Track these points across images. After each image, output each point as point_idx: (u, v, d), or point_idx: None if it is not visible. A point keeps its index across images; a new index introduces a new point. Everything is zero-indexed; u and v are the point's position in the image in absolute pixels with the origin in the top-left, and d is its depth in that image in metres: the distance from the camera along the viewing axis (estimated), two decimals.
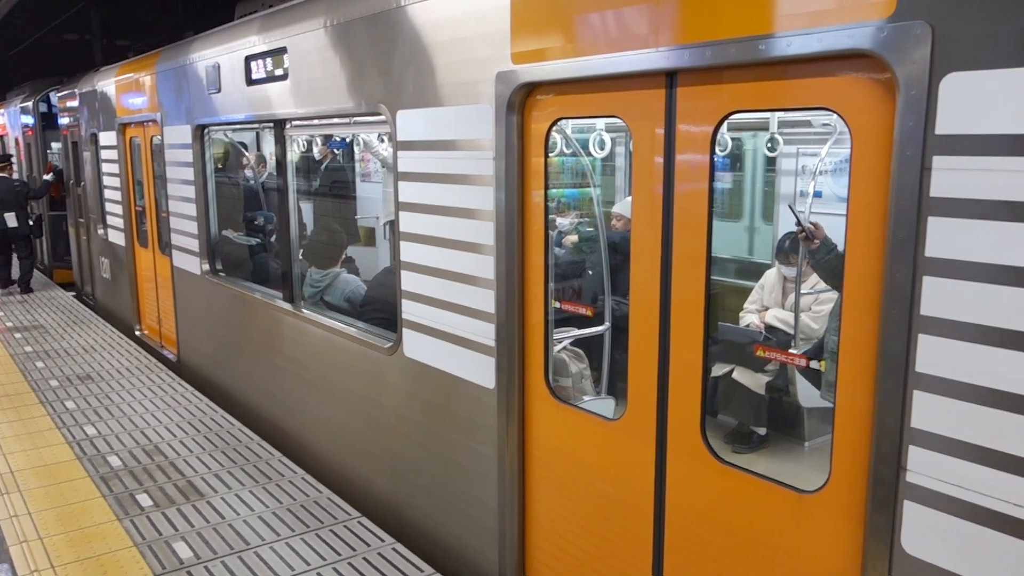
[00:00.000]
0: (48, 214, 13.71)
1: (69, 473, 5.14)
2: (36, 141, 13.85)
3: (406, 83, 3.98)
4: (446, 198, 3.80)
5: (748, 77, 2.54)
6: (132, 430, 5.92)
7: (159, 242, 8.16)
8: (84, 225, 11.01)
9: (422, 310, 4.04)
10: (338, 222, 7.10)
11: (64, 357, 7.99)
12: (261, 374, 6.04)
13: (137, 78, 8.07)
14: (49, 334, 8.99)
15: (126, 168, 8.78)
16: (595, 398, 4.18)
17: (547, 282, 3.43)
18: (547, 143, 3.33)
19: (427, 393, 4.13)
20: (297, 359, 5.49)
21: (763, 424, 4.40)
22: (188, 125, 6.73)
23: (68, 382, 7.13)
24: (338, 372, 5.00)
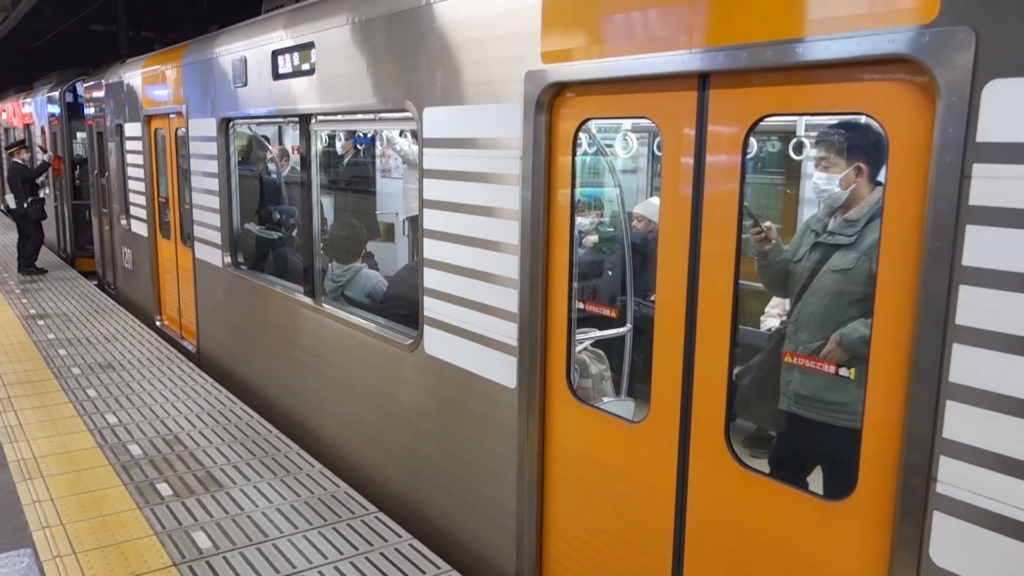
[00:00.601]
0: (71, 203, 13.84)
1: (91, 461, 5.18)
2: (62, 131, 13.98)
3: (434, 80, 3.97)
4: (471, 196, 3.79)
5: (783, 80, 2.51)
6: (152, 419, 5.96)
7: (181, 234, 8.22)
8: (107, 215, 11.11)
9: (444, 308, 4.03)
10: (359, 217, 7.11)
11: (86, 345, 8.05)
12: (280, 367, 6.06)
13: (163, 70, 8.11)
14: (71, 322, 9.07)
15: (150, 159, 8.83)
16: (615, 399, 4.16)
17: (571, 282, 3.41)
18: (575, 143, 3.32)
19: (447, 391, 4.13)
20: (317, 353, 5.51)
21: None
22: (213, 118, 6.77)
23: (90, 370, 7.19)
24: (357, 367, 5.00)
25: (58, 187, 14.28)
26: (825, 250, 3.10)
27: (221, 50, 6.58)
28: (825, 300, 3.05)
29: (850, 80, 2.35)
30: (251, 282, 6.48)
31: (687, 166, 2.84)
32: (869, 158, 3.05)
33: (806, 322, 3.09)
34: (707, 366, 2.84)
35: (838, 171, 3.04)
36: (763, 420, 3.77)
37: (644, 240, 5.75)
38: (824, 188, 3.07)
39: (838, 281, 3.04)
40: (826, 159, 3.06)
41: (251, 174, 7.48)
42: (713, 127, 2.75)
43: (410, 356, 4.39)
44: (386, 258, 7.26)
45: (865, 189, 3.06)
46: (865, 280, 2.97)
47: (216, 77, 6.68)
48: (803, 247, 3.20)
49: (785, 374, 3.03)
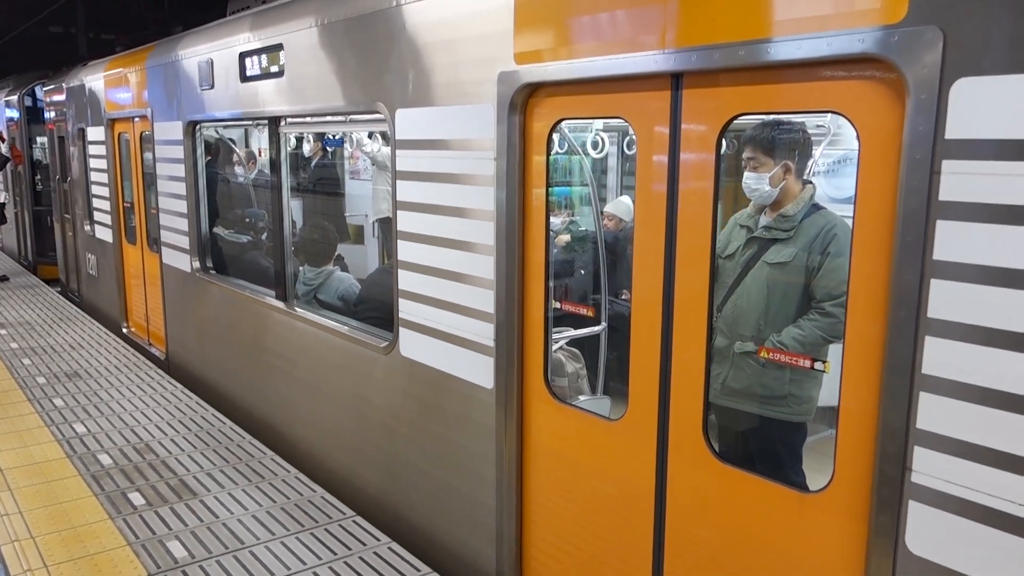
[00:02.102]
0: (32, 209, 13.53)
1: (59, 471, 5.06)
2: (21, 135, 13.66)
3: (406, 82, 3.95)
4: (445, 197, 3.78)
5: (756, 80, 2.54)
6: (122, 428, 5.85)
7: (147, 239, 8.07)
8: (70, 221, 10.88)
9: (419, 309, 4.01)
10: (329, 220, 7.04)
11: (51, 354, 7.88)
12: (252, 373, 5.98)
13: (127, 73, 7.97)
14: (35, 330, 8.87)
15: (114, 164, 8.67)
16: (592, 398, 4.18)
17: (547, 282, 3.41)
18: (549, 143, 3.32)
19: (424, 392, 4.11)
20: (290, 357, 5.45)
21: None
22: (179, 121, 6.66)
23: (56, 379, 7.04)
24: (332, 371, 4.96)
25: (19, 192, 13.95)
26: (761, 244, 3.20)
27: (187, 52, 6.47)
28: (763, 292, 3.15)
29: (821, 79, 2.39)
30: (221, 287, 6.39)
31: (661, 165, 2.86)
32: (796, 155, 3.15)
33: (743, 314, 3.18)
34: (684, 362, 2.87)
35: (767, 170, 3.12)
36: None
37: (616, 239, 5.79)
38: (755, 187, 3.15)
39: (775, 273, 3.14)
40: (754, 159, 3.15)
41: (219, 177, 7.38)
42: (687, 126, 2.77)
43: (385, 358, 4.36)
44: (356, 260, 7.20)
45: (795, 186, 3.16)
46: (802, 271, 3.09)
47: (182, 80, 6.57)
48: (734, 242, 3.30)
49: (716, 366, 3.08)
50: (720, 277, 3.20)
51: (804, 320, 3.03)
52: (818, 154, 5.06)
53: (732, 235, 3.32)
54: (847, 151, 4.42)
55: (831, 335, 2.92)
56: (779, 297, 3.16)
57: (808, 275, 3.09)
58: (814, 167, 5.10)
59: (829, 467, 2.50)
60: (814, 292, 3.06)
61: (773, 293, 3.16)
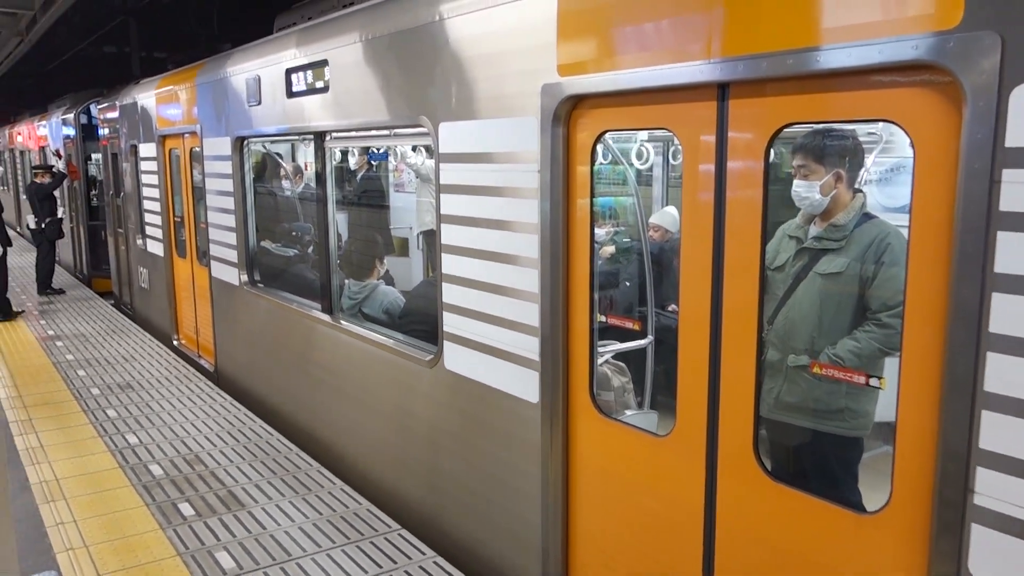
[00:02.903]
0: (87, 224, 13.97)
1: (112, 481, 5.20)
2: (76, 152, 14.13)
3: (449, 96, 3.99)
4: (489, 210, 3.80)
5: (805, 89, 2.50)
6: (172, 439, 5.98)
7: (197, 252, 8.27)
8: (123, 235, 11.20)
9: (464, 323, 4.03)
10: (374, 233, 7.12)
11: (104, 366, 8.11)
12: (299, 385, 6.07)
13: (177, 90, 8.19)
14: (89, 342, 9.14)
15: (165, 179, 8.91)
16: (638, 413, 4.14)
17: (592, 294, 3.40)
18: (593, 155, 3.32)
19: (468, 406, 4.12)
20: (335, 370, 5.52)
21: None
22: (228, 137, 6.82)
23: (109, 390, 7.24)
24: (376, 384, 5.01)
25: (74, 208, 14.43)
26: (812, 255, 3.16)
27: (234, 69, 6.63)
28: (816, 303, 3.10)
29: (873, 87, 2.34)
30: (268, 300, 6.51)
31: (708, 176, 2.83)
32: (847, 163, 3.10)
33: (795, 327, 3.14)
34: (733, 376, 2.82)
35: (817, 178, 3.07)
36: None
37: (661, 250, 5.74)
38: (805, 196, 3.10)
39: (828, 284, 3.09)
40: (805, 167, 3.10)
41: (266, 192, 7.53)
42: (734, 136, 2.74)
43: (430, 372, 4.39)
44: (401, 273, 7.27)
45: (846, 195, 3.11)
46: (856, 282, 3.03)
47: (230, 96, 6.74)
48: (783, 253, 3.26)
49: (768, 380, 3.03)
50: (770, 289, 3.15)
51: (860, 332, 2.97)
52: (870, 162, 4.97)
53: (781, 246, 3.27)
54: (900, 159, 4.32)
55: (888, 347, 2.85)
56: (832, 309, 3.11)
57: (862, 285, 3.03)
58: (866, 176, 5.00)
59: (886, 486, 2.43)
60: (869, 303, 3.00)
61: (826, 305, 3.10)
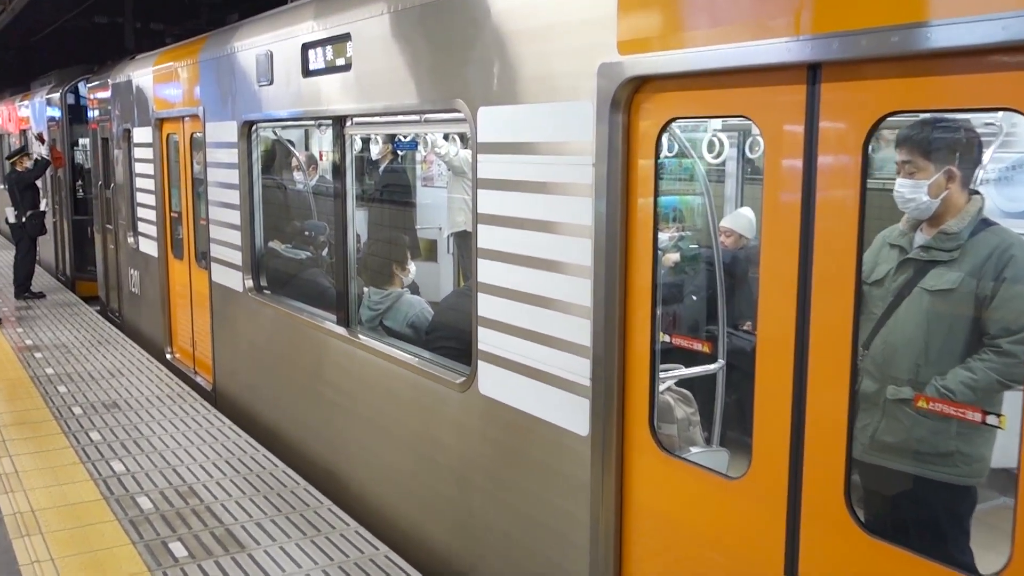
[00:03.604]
0: (72, 218, 14.31)
1: (95, 515, 5.32)
2: (62, 136, 14.49)
3: (490, 76, 4.03)
4: (534, 209, 3.83)
5: (912, 71, 2.48)
6: (164, 468, 6.10)
7: (196, 253, 8.44)
8: (112, 232, 11.47)
9: (502, 340, 4.06)
10: (398, 233, 7.21)
11: (88, 381, 8.30)
12: (309, 408, 6.16)
13: (177, 67, 8.40)
14: (72, 354, 9.37)
15: (162, 169, 9.12)
16: (706, 450, 4.12)
17: (654, 310, 3.40)
18: (658, 146, 3.33)
19: (505, 437, 4.14)
20: (351, 392, 5.58)
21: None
22: (234, 121, 6.97)
23: (93, 410, 7.41)
24: (398, 409, 5.06)
25: (58, 200, 14.79)
26: (917, 268, 3.11)
27: (243, 44, 6.78)
28: (922, 325, 3.06)
29: (993, 70, 2.32)
30: (276, 309, 6.61)
31: (793, 173, 2.82)
32: (961, 160, 3.04)
33: (896, 352, 3.10)
34: (822, 409, 2.80)
35: (925, 177, 3.04)
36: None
37: (735, 259, 5.71)
38: (910, 197, 3.06)
39: (936, 303, 3.04)
40: (910, 163, 3.05)
41: (276, 184, 7.67)
42: (826, 125, 2.73)
43: (461, 396, 4.42)
44: (428, 280, 7.34)
45: (959, 197, 3.06)
46: (971, 301, 2.98)
47: (237, 75, 6.89)
48: (882, 265, 3.21)
49: (863, 415, 2.99)
50: (866, 307, 3.12)
51: (975, 360, 2.92)
52: (987, 158, 4.89)
53: (880, 256, 3.24)
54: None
55: (1009, 379, 2.81)
56: (942, 332, 3.06)
57: (979, 305, 2.99)
58: (983, 174, 4.92)
59: (1005, 546, 2.39)
60: (987, 326, 2.95)
61: (934, 327, 3.06)
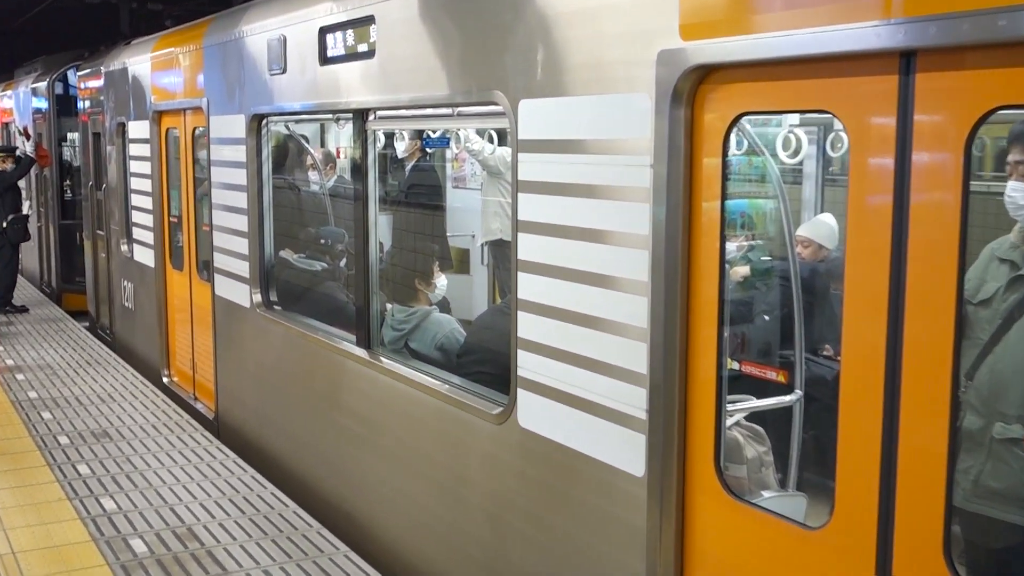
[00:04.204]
0: (59, 223, 14.55)
1: (83, 558, 5.40)
2: (48, 131, 14.76)
3: (533, 64, 4.06)
4: (582, 216, 3.84)
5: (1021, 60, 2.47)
6: (160, 506, 6.18)
7: (197, 264, 8.56)
8: (103, 239, 11.66)
9: (545, 366, 4.07)
10: (426, 242, 7.26)
11: (76, 407, 8.44)
12: (324, 441, 6.21)
13: (178, 54, 8.55)
14: (58, 376, 9.54)
15: (160, 167, 9.27)
16: (780, 494, 4.10)
17: (721, 331, 3.40)
18: (726, 144, 3.33)
19: (547, 476, 4.14)
20: (372, 422, 5.62)
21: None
22: (242, 114, 7.07)
23: (81, 439, 7.53)
24: (425, 442, 5.09)
25: (43, 202, 15.07)
26: None
27: (252, 27, 6.90)
28: None
29: None
30: (288, 328, 6.68)
31: (883, 174, 2.81)
32: None
33: (1006, 384, 3.08)
34: (917, 449, 2.77)
35: None
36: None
37: (814, 272, 5.68)
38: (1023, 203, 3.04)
39: None
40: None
41: (288, 186, 7.76)
42: (922, 121, 2.71)
43: (497, 429, 4.43)
44: (461, 296, 7.36)
45: None
46: None
47: (246, 62, 7.00)
48: (990, 283, 3.19)
49: (966, 456, 2.95)
50: (970, 331, 3.09)
51: None
52: None
53: (988, 272, 3.21)
54: None
55: None
56: None
57: None
58: None
59: None
60: None
61: None
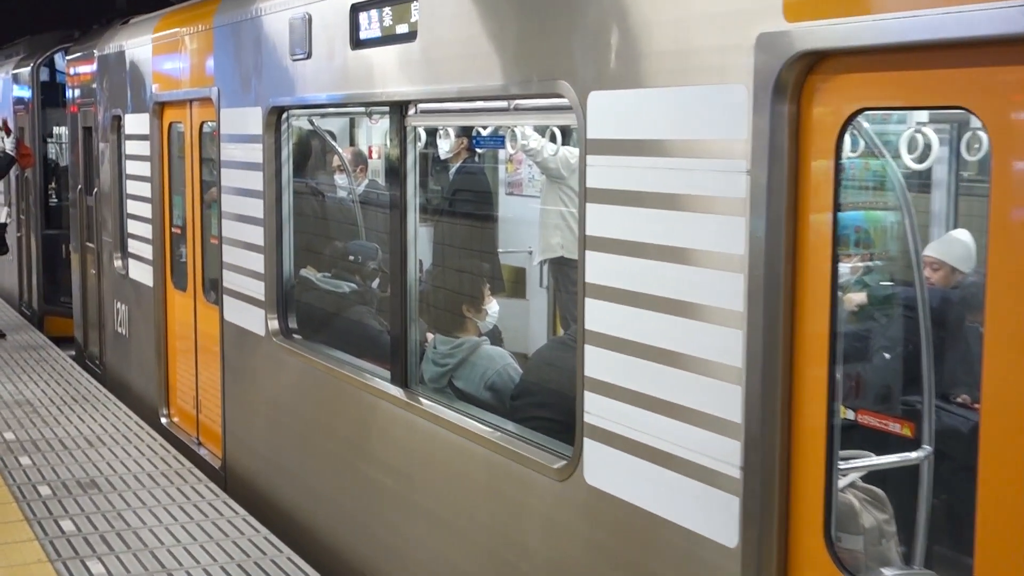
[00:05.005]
0: (42, 233, 14.78)
1: None
2: (32, 124, 14.99)
3: (604, 50, 4.07)
4: (663, 231, 3.83)
5: None
6: (156, 571, 6.23)
7: (203, 283, 8.65)
8: (93, 252, 11.82)
9: (618, 411, 4.06)
10: (474, 260, 7.26)
11: (59, 452, 8.54)
12: (351, 496, 6.23)
13: (183, 35, 8.68)
14: (38, 415, 9.66)
15: (161, 169, 9.40)
16: (904, 571, 4.05)
17: (833, 372, 3.37)
18: (839, 145, 3.31)
19: (618, 545, 4.13)
20: (409, 475, 5.63)
21: None
22: (259, 107, 7.15)
23: (65, 490, 7.61)
24: (472, 500, 5.09)
25: (24, 209, 15.33)
26: None
27: (272, 4, 6.98)
28: None
29: None
30: (309, 360, 6.72)
31: None
32: None
33: None
34: None
35: None
36: None
37: (946, 301, 5.60)
38: None
39: None
40: None
41: (311, 191, 7.82)
42: None
43: (559, 486, 4.42)
44: (515, 325, 7.36)
45: None
46: None
47: (264, 46, 7.08)
48: None
49: None
50: None
51: None
52: None
53: None
54: None
55: None
56: None
57: None
58: None
59: None
60: None
61: None
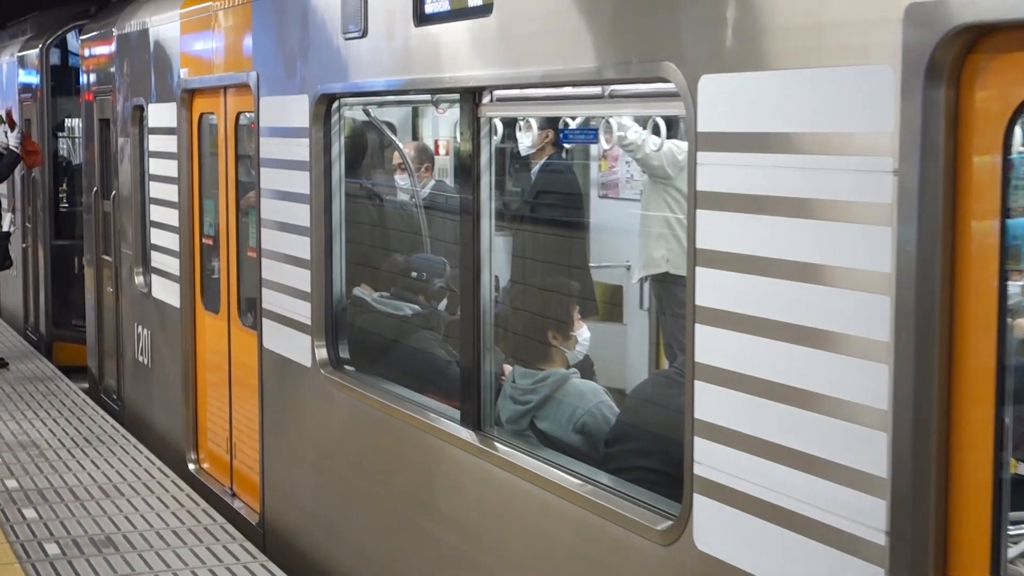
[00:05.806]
0: (51, 243, 15.02)
1: None
2: (41, 115, 15.26)
3: (719, 25, 4.07)
4: (791, 244, 3.83)
5: None
6: None
7: (239, 303, 8.74)
8: (111, 266, 12.01)
9: (735, 461, 4.05)
10: (562, 275, 7.24)
11: (70, 503, 8.67)
12: (412, 559, 6.25)
13: (217, 11, 8.80)
14: (45, 459, 9.82)
15: (191, 168, 9.53)
16: None
17: (1000, 416, 3.32)
18: (1008, 138, 3.27)
19: None
20: (480, 534, 5.65)
21: None
22: (305, 94, 7.22)
23: (76, 549, 7.72)
24: (558, 564, 5.10)
25: (30, 216, 15.58)
26: None
27: None
28: None
29: None
30: (363, 396, 6.76)
31: None
32: None
33: None
34: None
35: None
36: None
37: None
38: None
39: None
40: None
41: (366, 195, 7.87)
42: None
43: (665, 551, 4.42)
44: (611, 355, 7.34)
45: None
46: None
47: (312, 22, 7.16)
48: None
49: None
50: None
51: None
52: None
53: None
54: None
55: None
56: None
57: None
58: None
59: None
60: None
61: None
